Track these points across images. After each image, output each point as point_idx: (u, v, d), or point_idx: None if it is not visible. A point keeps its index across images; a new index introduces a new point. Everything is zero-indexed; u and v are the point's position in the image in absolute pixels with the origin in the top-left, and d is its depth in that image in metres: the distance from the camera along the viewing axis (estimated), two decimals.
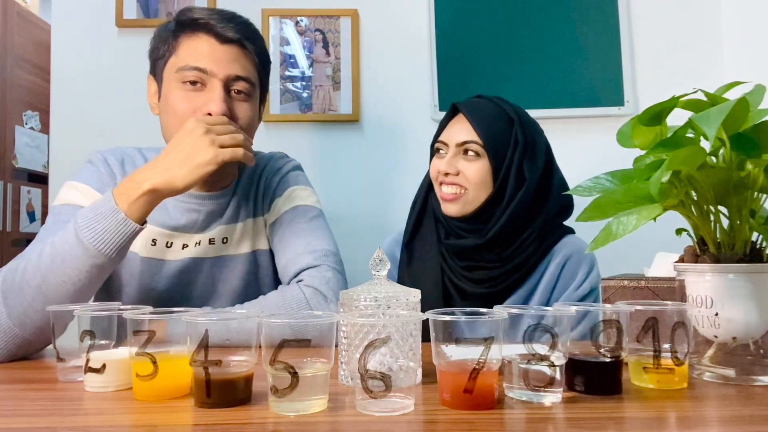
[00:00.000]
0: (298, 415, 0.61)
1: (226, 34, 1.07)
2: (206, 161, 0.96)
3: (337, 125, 1.98)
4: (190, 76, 1.06)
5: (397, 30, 1.99)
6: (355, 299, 0.71)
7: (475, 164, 1.15)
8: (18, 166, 3.06)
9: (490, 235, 1.14)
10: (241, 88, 1.09)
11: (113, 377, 0.72)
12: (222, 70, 1.06)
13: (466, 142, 1.15)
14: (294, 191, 1.21)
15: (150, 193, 0.94)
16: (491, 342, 0.61)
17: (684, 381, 0.72)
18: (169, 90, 1.08)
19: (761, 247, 0.77)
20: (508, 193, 1.14)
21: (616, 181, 0.80)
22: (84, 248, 0.90)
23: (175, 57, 1.08)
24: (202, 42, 1.07)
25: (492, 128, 1.15)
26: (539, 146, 1.19)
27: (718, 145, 0.74)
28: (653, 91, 1.91)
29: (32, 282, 0.91)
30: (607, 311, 0.70)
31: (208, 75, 1.06)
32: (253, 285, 1.20)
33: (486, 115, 1.17)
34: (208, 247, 1.16)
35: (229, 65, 1.07)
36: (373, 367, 0.60)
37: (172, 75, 1.08)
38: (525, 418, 0.61)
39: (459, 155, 1.16)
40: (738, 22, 1.92)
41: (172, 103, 1.07)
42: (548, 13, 1.95)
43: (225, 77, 1.07)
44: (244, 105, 1.11)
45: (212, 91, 1.06)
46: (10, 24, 2.98)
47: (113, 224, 0.92)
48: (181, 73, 1.06)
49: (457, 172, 1.15)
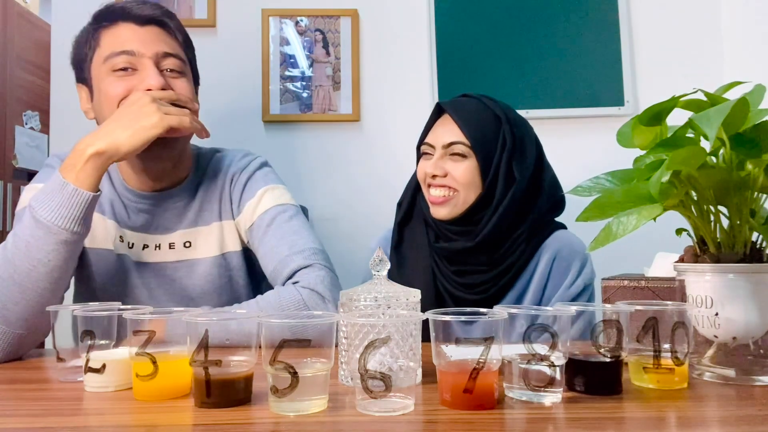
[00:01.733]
0: (298, 415, 0.61)
1: (144, 14, 1.06)
2: (152, 124, 0.95)
3: (337, 125, 1.98)
4: (120, 62, 1.04)
5: (397, 30, 1.99)
6: (355, 299, 0.71)
7: (463, 165, 1.12)
8: (18, 166, 3.06)
9: (480, 237, 1.12)
10: (172, 66, 1.08)
11: (113, 377, 0.72)
12: (149, 49, 1.05)
13: (453, 143, 1.13)
14: (266, 191, 1.17)
15: (94, 156, 0.93)
16: (491, 342, 0.61)
17: (684, 381, 0.72)
18: (101, 82, 1.06)
19: (761, 247, 0.77)
20: (497, 195, 1.12)
21: (616, 181, 0.80)
22: (44, 228, 0.89)
23: (99, 49, 1.07)
24: (123, 28, 1.06)
25: (479, 128, 1.13)
26: (528, 144, 1.17)
27: (718, 145, 0.74)
28: (653, 91, 1.90)
29: (4, 275, 0.90)
30: (607, 311, 0.70)
31: (136, 57, 1.04)
32: (226, 287, 1.18)
33: (472, 114, 1.14)
34: (168, 251, 1.14)
35: (154, 44, 1.06)
36: (373, 367, 0.60)
37: (100, 68, 1.06)
38: (525, 418, 0.61)
39: (446, 156, 1.14)
40: (738, 22, 1.92)
41: (106, 90, 1.05)
42: (548, 14, 1.95)
43: (154, 55, 1.05)
44: (180, 81, 1.09)
45: (144, 70, 1.04)
46: (10, 24, 2.98)
47: (66, 197, 0.91)
48: (109, 61, 1.04)
49: (444, 174, 1.13)
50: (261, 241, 1.13)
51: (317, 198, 1.92)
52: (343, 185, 1.97)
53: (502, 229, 1.13)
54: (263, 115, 1.95)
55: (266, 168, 1.23)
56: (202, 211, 1.17)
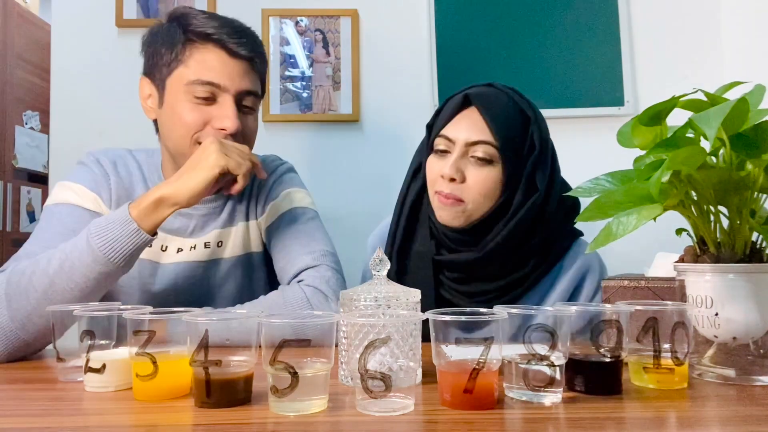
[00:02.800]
0: (298, 415, 0.61)
1: (239, 51, 1.05)
2: (209, 165, 0.96)
3: (337, 125, 1.98)
4: (203, 92, 1.04)
5: (397, 30, 1.99)
6: (355, 299, 0.71)
7: (485, 172, 0.99)
8: (18, 166, 3.06)
9: (489, 248, 1.01)
10: (249, 104, 1.10)
11: (113, 377, 0.72)
12: (234, 85, 1.05)
13: (478, 143, 0.99)
14: (289, 194, 1.21)
15: (158, 202, 0.94)
16: (491, 342, 0.61)
17: (684, 381, 0.72)
18: (177, 101, 1.06)
19: (761, 247, 0.77)
20: (515, 204, 1.01)
21: (616, 181, 0.80)
22: (93, 255, 0.90)
23: (185, 68, 1.06)
24: (214, 55, 1.05)
25: (509, 129, 0.99)
26: (550, 148, 1.07)
27: (718, 145, 0.74)
28: (653, 91, 1.90)
29: (39, 287, 0.91)
30: (607, 311, 0.70)
31: (220, 90, 1.05)
32: (246, 287, 1.20)
33: (501, 111, 1.00)
34: (203, 250, 1.16)
35: (240, 80, 1.06)
36: (373, 367, 0.60)
37: (180, 86, 1.06)
38: (525, 418, 0.61)
39: (466, 157, 1.00)
40: (738, 22, 1.92)
41: (181, 114, 1.05)
42: (548, 14, 1.95)
43: (236, 92, 1.06)
44: (251, 118, 1.12)
45: (225, 107, 1.05)
46: (10, 24, 2.98)
47: (125, 233, 0.92)
48: (192, 86, 1.04)
49: (462, 179, 0.99)
50: (276, 239, 1.16)
51: (317, 198, 1.88)
52: (343, 185, 1.97)
53: (514, 241, 1.02)
54: (263, 115, 1.95)
55: (293, 173, 1.28)
56: (234, 212, 1.19)
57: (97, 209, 1.11)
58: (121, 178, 1.15)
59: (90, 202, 1.11)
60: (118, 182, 1.14)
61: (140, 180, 1.17)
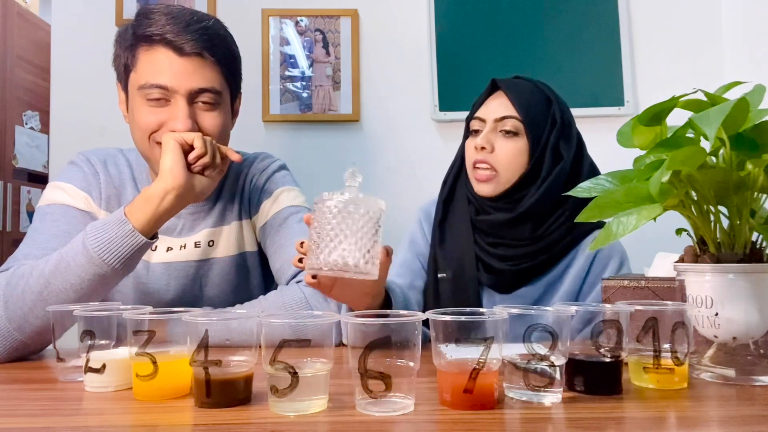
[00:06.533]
0: (298, 415, 0.61)
1: (185, 47, 1.02)
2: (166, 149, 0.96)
3: (337, 125, 1.98)
4: (153, 94, 1.03)
5: (397, 30, 1.99)
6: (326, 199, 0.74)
7: (511, 143, 1.14)
8: (18, 166, 3.06)
9: (522, 209, 1.13)
10: (205, 99, 1.06)
11: (113, 377, 0.72)
12: (183, 85, 1.03)
13: (505, 118, 1.14)
14: (282, 192, 1.20)
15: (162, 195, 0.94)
16: (491, 342, 0.61)
17: (684, 381, 0.72)
18: (134, 105, 1.06)
19: (761, 247, 0.77)
20: (544, 171, 1.14)
21: (616, 181, 0.80)
22: (88, 256, 0.90)
23: (135, 73, 1.05)
24: (161, 56, 1.03)
25: (531, 106, 1.15)
26: (574, 128, 1.20)
27: (718, 145, 0.74)
28: (653, 91, 1.90)
29: (35, 287, 0.91)
30: (607, 311, 0.70)
31: (169, 91, 1.03)
32: (242, 286, 1.20)
33: (525, 92, 1.16)
34: (193, 250, 1.16)
35: (190, 79, 1.03)
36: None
37: (135, 91, 1.06)
38: (525, 418, 0.61)
39: (496, 131, 1.15)
40: (738, 23, 1.92)
41: (138, 118, 1.05)
42: (548, 14, 1.95)
43: (186, 92, 1.03)
44: (211, 114, 1.07)
45: (175, 108, 1.03)
46: (10, 24, 2.98)
47: (120, 235, 0.91)
48: (143, 90, 1.04)
49: (492, 149, 1.14)
50: (272, 239, 1.15)
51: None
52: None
53: (545, 205, 1.14)
54: (263, 115, 1.95)
55: (284, 171, 1.26)
56: (225, 211, 1.19)
57: (88, 209, 1.12)
58: (110, 176, 1.16)
59: (81, 202, 1.11)
60: (107, 181, 1.15)
61: (130, 179, 1.17)
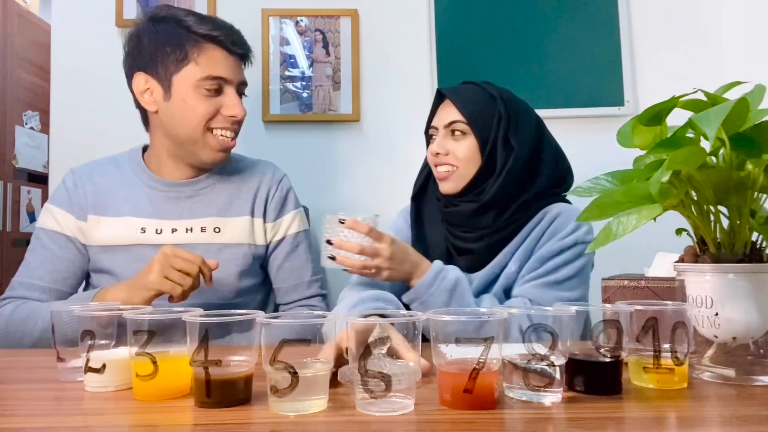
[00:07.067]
0: (298, 415, 0.61)
1: (235, 50, 1.26)
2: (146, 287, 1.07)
3: (337, 125, 1.98)
4: (213, 85, 1.22)
5: (397, 30, 1.99)
6: None
7: (463, 142, 1.21)
8: (18, 166, 3.06)
9: (485, 199, 1.20)
10: (242, 90, 1.30)
11: (113, 377, 0.72)
12: (235, 77, 1.25)
13: (453, 122, 1.22)
14: (297, 215, 1.39)
15: None
16: (491, 342, 0.61)
17: (684, 381, 0.72)
18: (188, 94, 1.22)
19: (761, 247, 0.77)
20: (498, 163, 1.20)
21: (616, 181, 0.80)
22: None
23: (194, 66, 1.21)
24: (218, 53, 1.23)
25: (475, 106, 1.22)
26: (525, 119, 1.24)
27: (718, 145, 0.74)
28: (653, 91, 1.90)
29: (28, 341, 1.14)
30: (607, 311, 0.70)
31: (225, 82, 1.24)
32: (247, 276, 1.31)
33: (469, 95, 1.24)
34: (200, 234, 1.27)
35: (238, 73, 1.27)
36: (373, 367, 0.60)
37: (191, 82, 1.21)
38: (525, 418, 0.61)
39: (448, 136, 1.23)
40: (738, 23, 1.92)
41: (194, 106, 1.22)
42: (548, 14, 1.95)
43: (238, 84, 1.26)
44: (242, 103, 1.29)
45: (231, 97, 1.25)
46: (10, 24, 2.98)
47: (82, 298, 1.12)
48: (204, 81, 1.21)
49: (446, 152, 1.22)
50: (287, 257, 1.36)
51: (317, 198, 1.92)
52: (343, 185, 1.97)
53: (504, 194, 1.20)
54: (263, 115, 1.95)
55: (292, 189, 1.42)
56: (231, 203, 1.32)
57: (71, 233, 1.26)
58: (96, 185, 1.30)
59: (67, 227, 1.26)
60: (94, 189, 1.29)
61: (120, 183, 1.30)
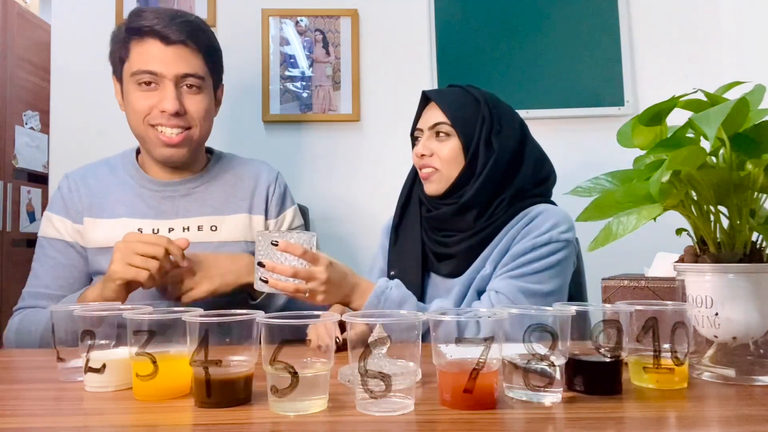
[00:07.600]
0: (298, 415, 0.61)
1: (171, 37, 1.19)
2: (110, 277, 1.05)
3: (337, 125, 1.98)
4: (144, 79, 1.20)
5: (397, 30, 1.99)
6: None
7: (447, 144, 1.23)
8: (18, 166, 3.05)
9: (463, 201, 1.21)
10: (190, 83, 1.23)
11: (113, 377, 0.72)
12: (170, 71, 1.19)
13: (437, 124, 1.23)
14: (295, 211, 1.40)
15: None
16: (491, 342, 0.61)
17: (684, 381, 0.72)
18: (128, 92, 1.23)
19: (761, 247, 0.77)
20: (479, 165, 1.21)
21: (616, 181, 0.80)
22: None
23: (128, 62, 1.22)
24: (150, 46, 1.20)
25: (459, 109, 1.24)
26: (508, 122, 1.25)
27: (718, 145, 0.74)
28: (653, 91, 1.90)
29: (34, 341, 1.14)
30: (607, 311, 0.70)
31: (158, 76, 1.19)
32: None
33: (453, 98, 1.26)
34: (197, 233, 1.26)
35: (176, 65, 1.20)
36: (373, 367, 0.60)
37: (128, 78, 1.22)
38: (525, 418, 0.61)
39: (432, 138, 1.25)
40: (738, 23, 1.92)
41: (132, 102, 1.22)
42: (548, 14, 1.95)
43: (174, 77, 1.20)
44: (196, 98, 1.24)
45: (164, 90, 1.20)
46: (10, 24, 2.98)
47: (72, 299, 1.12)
48: (135, 76, 1.20)
49: (431, 153, 1.24)
50: None
51: (317, 198, 1.92)
52: (343, 185, 1.97)
53: (483, 195, 1.21)
54: (263, 115, 1.95)
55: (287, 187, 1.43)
56: (228, 201, 1.32)
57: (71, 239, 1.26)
58: (90, 187, 1.29)
59: (66, 233, 1.26)
60: (87, 192, 1.29)
61: (114, 185, 1.29)
